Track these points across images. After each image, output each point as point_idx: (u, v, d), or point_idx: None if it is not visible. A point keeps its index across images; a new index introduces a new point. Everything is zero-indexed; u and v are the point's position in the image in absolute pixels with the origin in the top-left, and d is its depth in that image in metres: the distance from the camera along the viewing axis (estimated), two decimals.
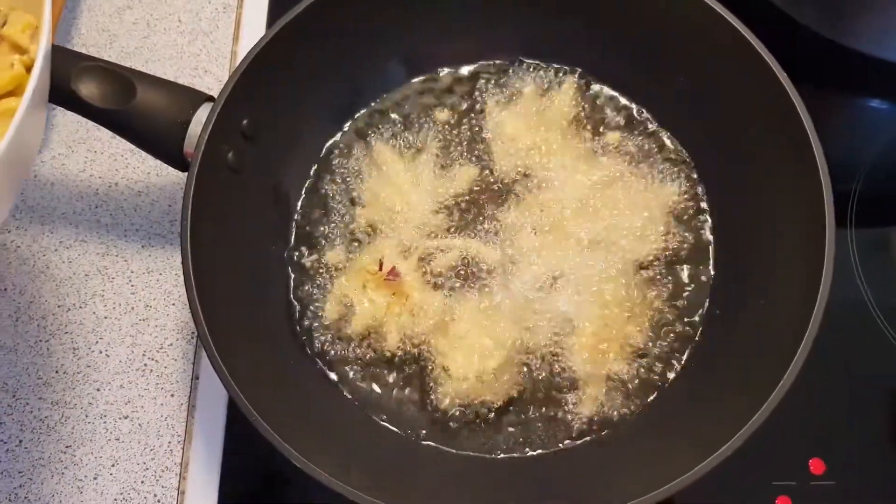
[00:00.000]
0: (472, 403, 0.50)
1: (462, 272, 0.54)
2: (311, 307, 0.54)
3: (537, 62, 0.60)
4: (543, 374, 0.51)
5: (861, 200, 0.60)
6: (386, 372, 0.52)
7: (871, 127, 0.64)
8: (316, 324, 0.53)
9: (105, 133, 0.53)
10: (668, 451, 0.46)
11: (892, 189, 0.62)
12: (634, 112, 0.58)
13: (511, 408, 0.50)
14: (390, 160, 0.57)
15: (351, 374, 0.52)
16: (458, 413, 0.50)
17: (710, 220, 0.55)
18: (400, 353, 0.52)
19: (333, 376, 0.52)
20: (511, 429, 0.50)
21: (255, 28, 0.68)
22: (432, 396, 0.51)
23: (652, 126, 0.58)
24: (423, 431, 0.50)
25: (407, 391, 0.51)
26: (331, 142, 0.59)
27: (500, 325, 0.52)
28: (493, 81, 0.59)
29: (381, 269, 0.53)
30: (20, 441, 0.55)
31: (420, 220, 0.55)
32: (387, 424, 0.51)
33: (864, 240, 0.58)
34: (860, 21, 0.59)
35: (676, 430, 0.48)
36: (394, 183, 0.56)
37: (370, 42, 0.57)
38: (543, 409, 0.51)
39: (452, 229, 0.55)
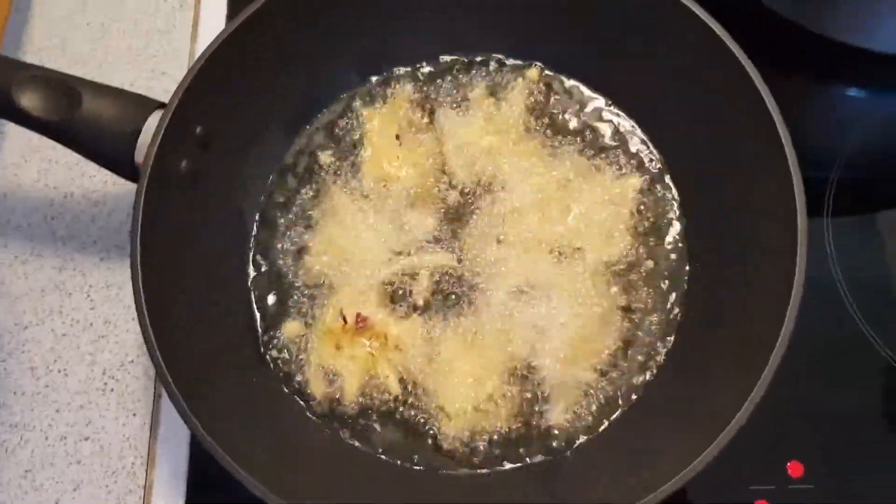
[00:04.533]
0: (475, 436, 0.48)
1: (434, 291, 0.51)
2: (296, 378, 0.50)
3: (495, 56, 0.57)
4: (521, 388, 0.49)
5: (839, 189, 0.58)
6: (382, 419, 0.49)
7: (850, 115, 0.63)
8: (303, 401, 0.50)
9: None
10: (647, 457, 0.45)
11: (871, 177, 0.61)
12: (596, 104, 0.56)
13: (511, 428, 0.48)
14: (342, 201, 0.54)
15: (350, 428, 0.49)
16: (462, 448, 0.48)
17: (678, 217, 0.53)
18: (402, 392, 0.49)
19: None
20: (495, 447, 0.48)
21: (213, 26, 0.66)
22: (434, 435, 0.48)
23: (613, 117, 0.56)
24: (416, 457, 0.48)
25: (404, 434, 0.49)
26: (285, 154, 0.56)
27: (483, 347, 0.49)
28: (447, 81, 0.57)
29: (346, 322, 0.49)
30: None
31: (378, 247, 0.52)
32: (384, 457, 0.48)
33: (841, 229, 0.57)
34: (836, 9, 0.58)
35: (655, 438, 0.46)
36: (346, 223, 0.53)
37: (324, 41, 0.55)
38: (521, 422, 0.49)
39: (414, 250, 0.52)
